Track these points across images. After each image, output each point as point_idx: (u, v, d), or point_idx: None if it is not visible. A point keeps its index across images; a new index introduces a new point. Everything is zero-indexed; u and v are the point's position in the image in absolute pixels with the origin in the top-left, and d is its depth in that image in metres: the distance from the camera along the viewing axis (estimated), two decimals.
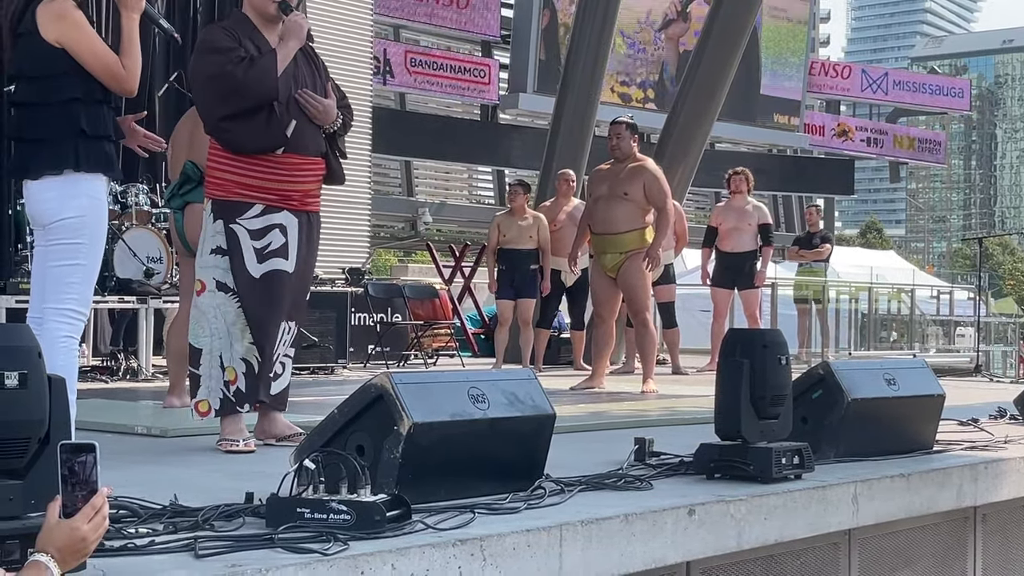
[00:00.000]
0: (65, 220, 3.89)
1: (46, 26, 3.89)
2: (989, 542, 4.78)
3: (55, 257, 3.92)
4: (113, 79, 3.92)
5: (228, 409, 4.59)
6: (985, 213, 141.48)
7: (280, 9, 4.62)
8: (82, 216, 3.90)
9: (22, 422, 2.38)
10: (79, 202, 3.90)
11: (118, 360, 8.77)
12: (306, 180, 4.65)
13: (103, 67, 3.90)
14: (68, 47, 3.89)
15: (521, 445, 3.50)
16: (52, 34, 3.89)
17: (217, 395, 4.60)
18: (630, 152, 8.10)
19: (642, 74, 29.65)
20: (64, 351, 3.84)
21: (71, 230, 3.89)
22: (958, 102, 40.35)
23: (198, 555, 2.54)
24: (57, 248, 3.91)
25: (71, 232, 3.89)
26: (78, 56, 3.89)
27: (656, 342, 9.02)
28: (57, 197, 3.89)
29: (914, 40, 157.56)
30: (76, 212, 3.89)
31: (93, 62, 3.90)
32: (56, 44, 3.89)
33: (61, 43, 3.89)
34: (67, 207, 3.89)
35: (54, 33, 3.88)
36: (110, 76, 3.91)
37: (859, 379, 4.49)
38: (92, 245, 3.94)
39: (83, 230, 3.90)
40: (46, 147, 3.91)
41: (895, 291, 18.34)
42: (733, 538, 3.55)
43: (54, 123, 3.90)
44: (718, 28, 12.67)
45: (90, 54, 3.90)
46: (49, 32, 3.89)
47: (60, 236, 3.90)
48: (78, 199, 3.89)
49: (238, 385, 4.57)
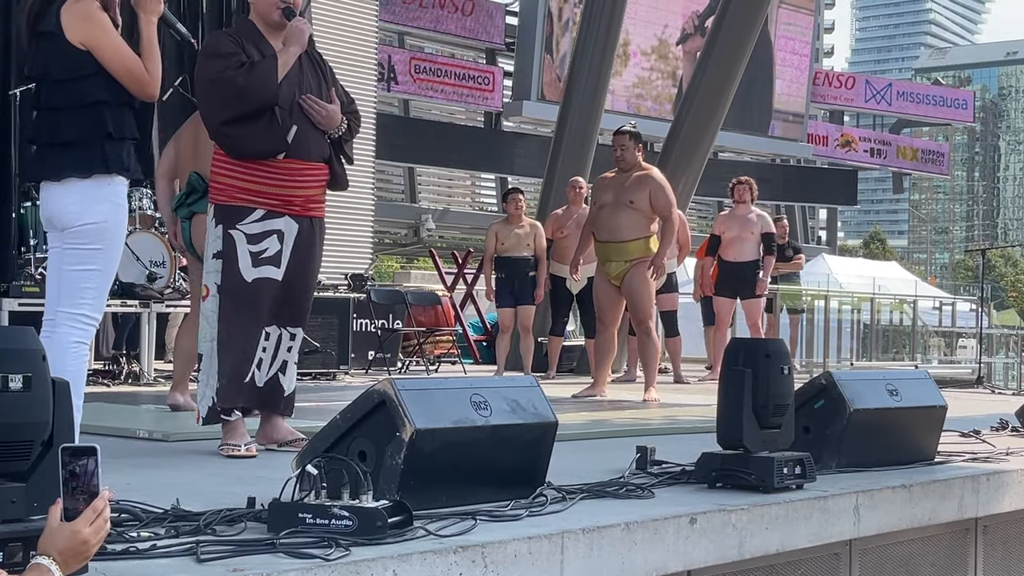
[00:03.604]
0: (87, 225, 3.85)
1: (71, 27, 3.85)
2: (990, 554, 4.77)
3: (71, 261, 3.88)
4: (137, 83, 3.89)
5: (213, 417, 4.59)
6: (988, 225, 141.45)
7: (284, 15, 4.62)
8: (104, 222, 3.88)
9: (25, 425, 2.38)
10: (102, 207, 3.87)
11: (120, 364, 8.77)
12: (308, 185, 4.65)
13: (127, 71, 3.87)
14: (93, 49, 3.85)
15: (523, 452, 3.50)
16: (77, 35, 3.85)
17: (207, 403, 4.59)
18: (635, 161, 8.11)
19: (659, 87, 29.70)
20: (75, 356, 3.83)
21: (91, 235, 3.86)
22: (962, 113, 40.38)
23: (200, 559, 2.54)
24: (74, 252, 3.88)
25: (90, 237, 3.86)
26: (102, 58, 3.85)
27: (659, 351, 9.02)
28: (80, 201, 3.85)
29: (918, 51, 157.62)
30: (99, 217, 3.86)
31: (118, 65, 3.86)
32: (80, 46, 3.85)
33: (86, 45, 3.85)
34: (90, 212, 3.85)
35: (79, 35, 3.84)
36: (134, 80, 3.88)
37: (861, 389, 4.49)
38: (110, 251, 3.92)
39: (103, 236, 3.88)
40: (75, 150, 3.86)
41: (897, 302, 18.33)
42: (734, 547, 3.54)
43: (83, 126, 3.86)
44: (723, 38, 12.68)
45: (115, 57, 3.85)
46: (74, 33, 3.85)
47: (79, 241, 3.87)
48: (101, 204, 3.87)
49: (215, 395, 4.56)
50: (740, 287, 11.00)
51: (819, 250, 31.44)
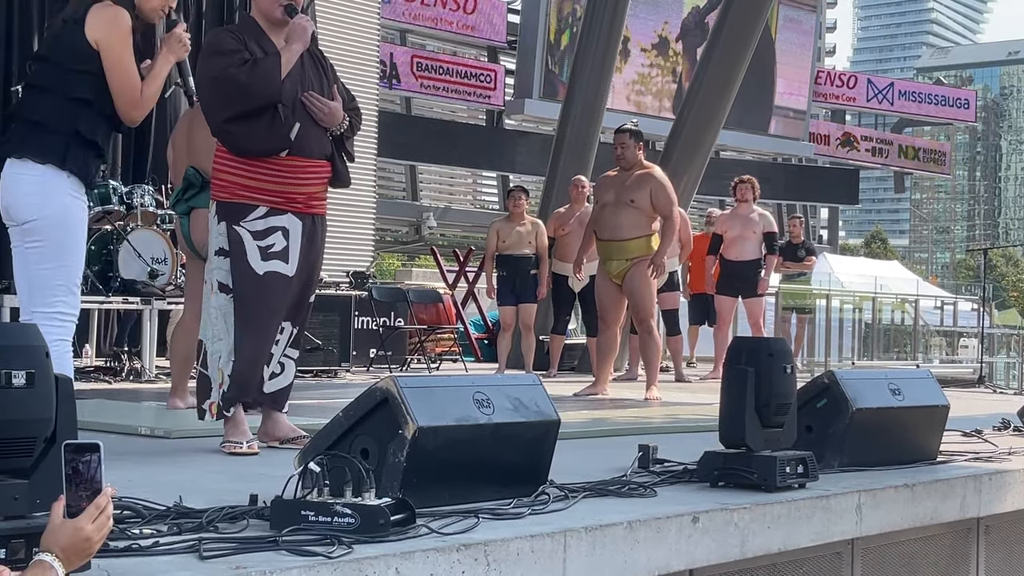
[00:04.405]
0: (44, 219, 3.85)
1: (93, 23, 3.88)
2: (992, 554, 4.76)
3: (36, 261, 3.89)
4: (127, 102, 3.92)
5: (220, 414, 4.59)
6: (989, 224, 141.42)
7: (287, 13, 4.62)
8: (61, 215, 3.87)
9: (28, 421, 2.37)
10: (61, 200, 3.87)
11: (121, 361, 8.77)
12: (311, 183, 4.65)
13: (124, 87, 3.90)
14: (104, 52, 3.88)
15: (526, 450, 3.49)
16: (95, 34, 3.88)
17: (217, 400, 4.60)
18: (635, 160, 8.11)
19: (658, 83, 29.69)
20: (58, 354, 3.82)
21: (50, 230, 3.86)
22: (963, 113, 40.41)
23: (202, 557, 2.53)
24: (38, 251, 3.88)
25: (50, 232, 3.86)
26: (108, 65, 3.88)
27: (660, 349, 9.02)
28: (39, 192, 3.86)
29: (920, 51, 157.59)
30: (56, 210, 3.87)
31: (119, 78, 3.89)
32: (94, 44, 3.88)
33: (99, 45, 3.88)
34: (48, 204, 3.85)
35: (97, 33, 3.88)
36: (126, 97, 3.91)
37: (864, 389, 4.48)
38: (72, 244, 3.92)
39: (63, 228, 3.88)
40: (41, 132, 3.88)
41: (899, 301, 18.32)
42: (736, 546, 3.54)
43: (57, 113, 3.88)
44: (725, 36, 12.67)
45: (120, 69, 3.88)
46: (93, 31, 3.88)
47: (39, 238, 3.87)
48: (60, 197, 3.87)
49: (224, 388, 4.56)
50: (742, 286, 11.01)
51: (820, 249, 31.39)
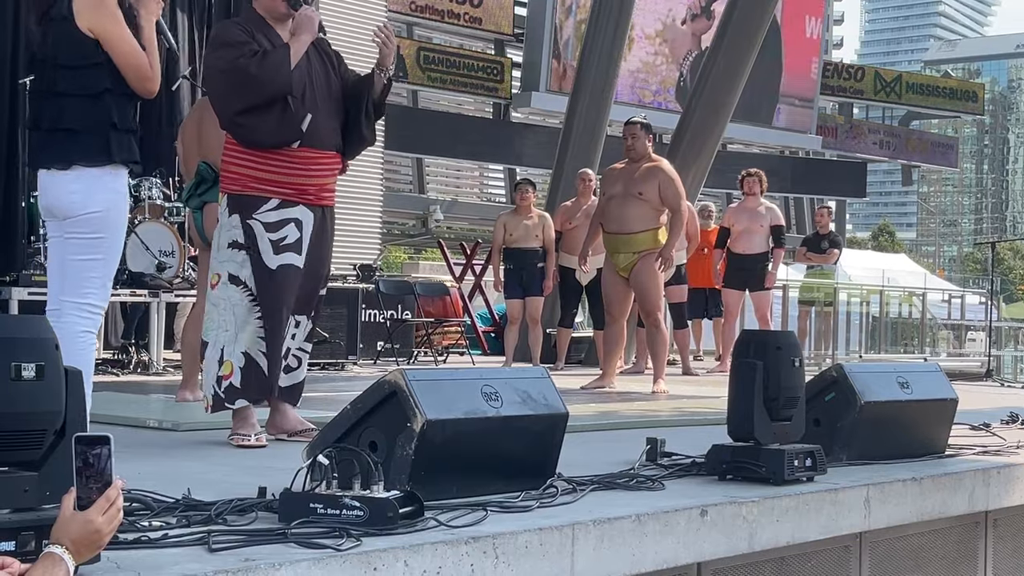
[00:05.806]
0: (90, 214, 3.84)
1: (81, 12, 3.82)
2: (1000, 547, 4.76)
3: (75, 251, 3.87)
4: (139, 77, 3.86)
5: (218, 405, 4.58)
6: (996, 218, 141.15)
7: (291, 6, 4.62)
8: (107, 210, 3.86)
9: (38, 414, 2.38)
10: (105, 196, 3.85)
11: (129, 353, 8.79)
12: (322, 174, 4.65)
13: (133, 63, 3.84)
14: (101, 37, 3.82)
15: (534, 444, 3.49)
16: (87, 22, 3.82)
17: (209, 391, 4.59)
18: (645, 152, 8.09)
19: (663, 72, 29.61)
20: (82, 346, 3.82)
21: (94, 224, 3.84)
22: (971, 106, 40.28)
23: (212, 549, 2.54)
24: (77, 242, 3.86)
25: (94, 226, 3.85)
26: (111, 48, 3.82)
27: (668, 342, 9.01)
28: (83, 190, 3.83)
29: (927, 43, 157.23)
30: (102, 206, 3.85)
31: (125, 57, 3.83)
32: (89, 33, 3.82)
33: (95, 32, 3.82)
34: (93, 201, 3.83)
35: (89, 21, 3.82)
36: (137, 74, 3.85)
37: (872, 382, 4.48)
38: (113, 240, 3.91)
39: (106, 225, 3.87)
40: (81, 138, 3.84)
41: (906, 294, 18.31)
42: (745, 539, 3.54)
43: (88, 115, 3.85)
44: (733, 28, 12.64)
45: (123, 49, 3.82)
46: (84, 19, 3.82)
47: (81, 230, 3.85)
48: (104, 193, 3.85)
49: (231, 380, 4.53)
50: (749, 280, 11.00)
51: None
